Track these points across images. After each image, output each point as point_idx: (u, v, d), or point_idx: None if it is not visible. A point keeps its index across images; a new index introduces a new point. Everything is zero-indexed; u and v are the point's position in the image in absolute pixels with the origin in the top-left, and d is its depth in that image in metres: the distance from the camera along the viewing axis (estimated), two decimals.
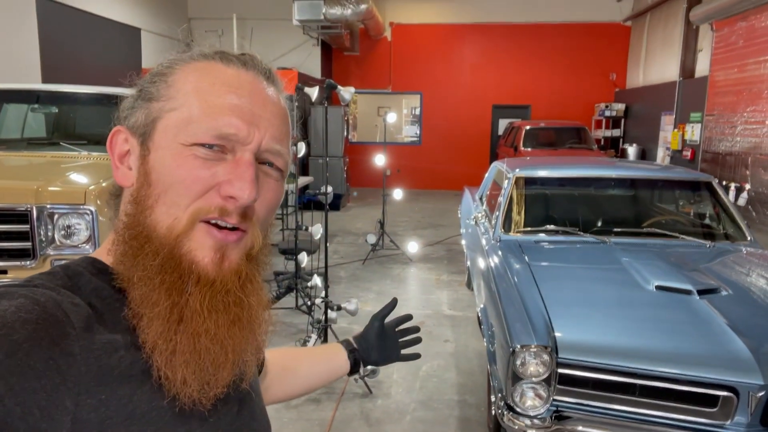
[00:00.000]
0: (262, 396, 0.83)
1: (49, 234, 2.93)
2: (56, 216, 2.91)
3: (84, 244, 2.98)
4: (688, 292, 2.56)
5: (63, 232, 2.94)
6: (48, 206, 2.89)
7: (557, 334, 2.29)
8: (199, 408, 0.58)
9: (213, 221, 0.58)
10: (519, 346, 2.24)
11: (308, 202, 7.64)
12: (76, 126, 4.27)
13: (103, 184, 3.00)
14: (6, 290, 0.52)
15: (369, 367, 3.40)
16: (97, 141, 3.89)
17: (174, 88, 0.61)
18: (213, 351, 0.58)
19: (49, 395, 0.47)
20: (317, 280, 4.04)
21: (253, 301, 0.62)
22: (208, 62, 0.63)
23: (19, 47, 6.74)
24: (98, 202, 2.95)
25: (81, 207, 2.91)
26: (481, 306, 3.14)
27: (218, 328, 0.58)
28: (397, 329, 1.14)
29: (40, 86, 3.97)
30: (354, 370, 1.09)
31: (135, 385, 0.54)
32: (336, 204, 9.74)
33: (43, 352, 0.48)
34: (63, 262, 0.60)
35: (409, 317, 1.17)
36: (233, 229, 0.59)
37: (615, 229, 3.52)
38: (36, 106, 4.10)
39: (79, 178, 3.16)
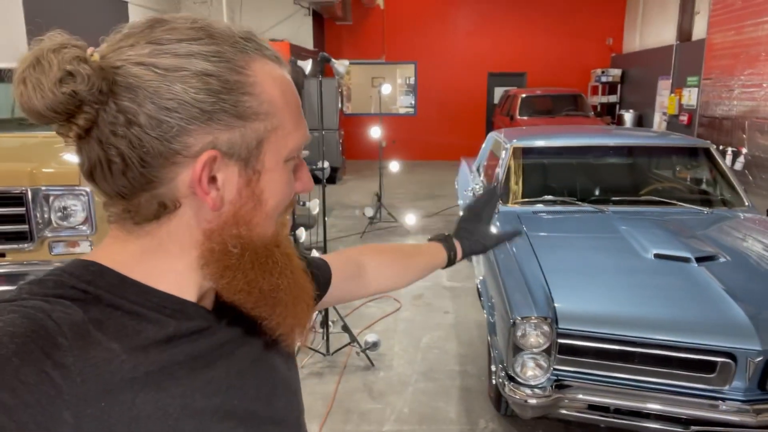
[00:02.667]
0: (348, 294, 1.01)
1: (46, 216, 2.91)
2: (51, 198, 2.89)
3: (81, 225, 2.97)
4: (686, 260, 2.57)
5: (59, 214, 2.92)
6: (43, 188, 2.87)
7: (557, 305, 2.31)
8: (218, 397, 0.60)
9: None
10: (519, 318, 2.26)
11: None
12: None
13: None
14: None
15: (370, 339, 3.39)
16: None
17: (267, 103, 0.58)
18: (310, 303, 0.69)
19: (45, 409, 0.46)
20: (316, 254, 4.04)
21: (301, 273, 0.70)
22: (267, 62, 0.60)
23: (5, 24, 6.60)
24: None
25: (76, 188, 2.89)
26: (480, 278, 3.15)
27: (306, 282, 0.68)
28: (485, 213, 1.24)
29: None
30: (449, 263, 1.17)
31: (137, 388, 0.53)
32: (332, 177, 9.69)
33: (34, 365, 0.46)
34: (57, 264, 0.58)
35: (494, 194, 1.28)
36: None
37: (613, 198, 3.52)
38: None
39: (73, 159, 3.12)
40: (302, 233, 4.44)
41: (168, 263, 0.59)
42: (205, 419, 0.58)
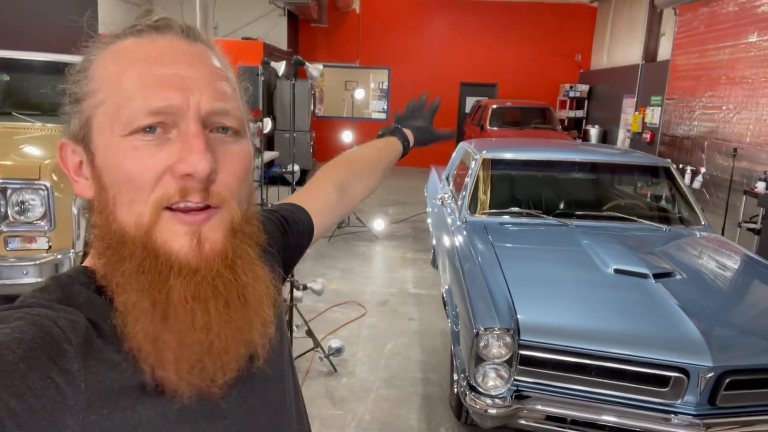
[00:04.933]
0: (334, 216, 1.02)
1: (2, 210, 2.81)
2: (9, 191, 2.80)
3: (39, 221, 2.88)
4: (644, 276, 2.65)
5: (17, 208, 2.82)
6: (0, 181, 2.77)
7: (519, 316, 2.35)
8: (210, 401, 0.57)
9: (177, 206, 0.55)
10: (483, 329, 2.28)
11: (273, 177, 7.54)
12: (29, 95, 4.08)
13: (54, 159, 2.89)
14: (2, 315, 0.51)
15: (334, 345, 3.36)
16: (52, 111, 3.73)
17: (95, 80, 0.57)
18: (207, 340, 0.55)
19: (50, 414, 0.46)
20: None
21: (247, 278, 0.59)
22: (121, 41, 0.58)
23: None
24: (54, 176, 2.85)
25: (35, 182, 2.81)
26: (446, 287, 3.18)
27: (209, 315, 0.55)
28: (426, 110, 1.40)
29: None
30: (406, 150, 1.29)
31: (138, 394, 0.53)
32: (302, 180, 9.62)
33: (40, 371, 0.47)
34: (56, 274, 0.60)
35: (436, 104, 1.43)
36: (204, 208, 0.56)
37: (577, 212, 3.60)
38: None
39: (34, 151, 3.03)
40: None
41: None
42: (199, 422, 0.58)
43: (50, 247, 2.88)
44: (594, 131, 11.02)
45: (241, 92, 0.65)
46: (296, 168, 3.44)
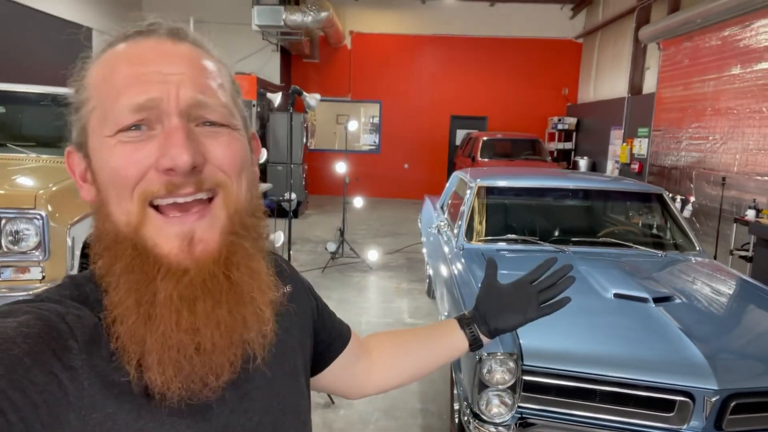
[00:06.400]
0: (352, 379, 0.86)
1: None
2: (3, 221, 2.76)
3: (33, 251, 2.84)
4: (644, 300, 2.65)
5: (11, 238, 2.79)
6: None
7: (522, 341, 2.32)
8: (204, 404, 0.56)
9: (165, 202, 0.55)
10: (486, 354, 2.26)
11: (269, 208, 7.52)
12: (24, 127, 4.08)
13: (53, 188, 2.86)
14: (12, 308, 0.52)
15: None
16: (47, 143, 3.72)
17: (88, 88, 0.59)
18: (192, 342, 0.54)
19: (51, 409, 0.46)
20: None
21: (241, 274, 0.57)
22: (112, 49, 0.59)
23: None
24: (49, 206, 2.82)
25: (30, 211, 2.78)
26: (445, 314, 3.15)
27: (195, 316, 0.54)
28: (533, 282, 0.96)
29: None
30: (475, 345, 0.94)
31: (142, 395, 0.53)
32: (295, 211, 9.63)
33: (44, 366, 0.47)
34: (71, 273, 0.60)
35: (551, 262, 0.98)
36: (196, 203, 0.56)
37: (573, 239, 3.62)
38: None
39: (28, 182, 3.01)
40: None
41: None
42: (192, 425, 0.57)
43: (44, 277, 2.84)
44: (583, 162, 11.17)
45: (235, 91, 0.65)
46: (293, 196, 3.43)
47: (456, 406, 2.61)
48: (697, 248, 3.58)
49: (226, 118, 0.59)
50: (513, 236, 3.62)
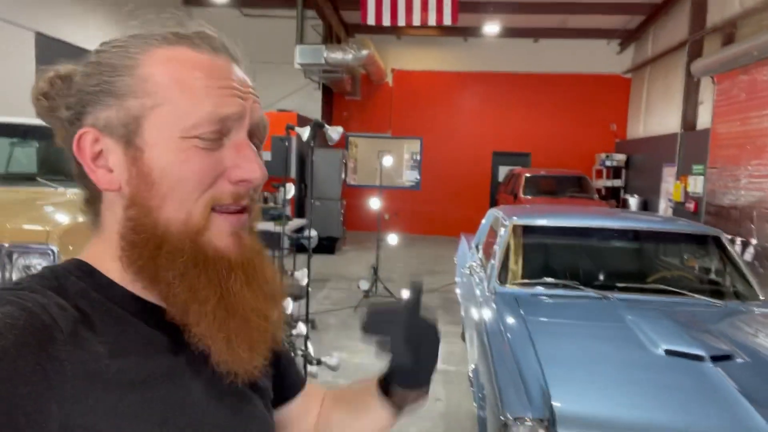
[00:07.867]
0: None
1: (7, 275, 2.72)
2: (15, 255, 2.71)
3: None
4: (700, 358, 2.32)
5: (22, 273, 2.72)
6: (6, 245, 2.70)
7: (555, 404, 2.04)
8: (183, 392, 0.58)
9: (226, 207, 0.60)
10: (512, 418, 1.99)
11: (300, 245, 7.44)
12: (54, 162, 4.13)
13: (65, 224, 2.81)
14: None
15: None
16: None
17: (150, 82, 0.58)
18: (261, 325, 0.61)
19: (36, 401, 0.46)
20: (302, 328, 3.80)
21: (270, 272, 0.65)
22: (173, 47, 0.60)
23: (17, 81, 6.69)
24: (60, 241, 2.77)
25: (42, 246, 2.72)
26: (473, 365, 2.89)
27: (258, 302, 0.61)
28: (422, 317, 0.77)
29: (20, 120, 3.85)
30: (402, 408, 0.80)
31: (123, 392, 0.53)
32: (332, 247, 9.52)
33: (30, 357, 0.47)
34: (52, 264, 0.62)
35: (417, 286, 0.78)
36: (242, 210, 0.61)
37: (618, 284, 3.30)
38: (15, 140, 3.97)
39: (45, 217, 2.98)
40: (289, 304, 4.20)
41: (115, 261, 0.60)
42: (177, 410, 0.58)
43: None
44: (633, 201, 10.69)
45: None
46: (314, 233, 3.28)
47: None
48: (761, 297, 3.20)
49: (264, 140, 0.66)
50: (551, 280, 3.33)
